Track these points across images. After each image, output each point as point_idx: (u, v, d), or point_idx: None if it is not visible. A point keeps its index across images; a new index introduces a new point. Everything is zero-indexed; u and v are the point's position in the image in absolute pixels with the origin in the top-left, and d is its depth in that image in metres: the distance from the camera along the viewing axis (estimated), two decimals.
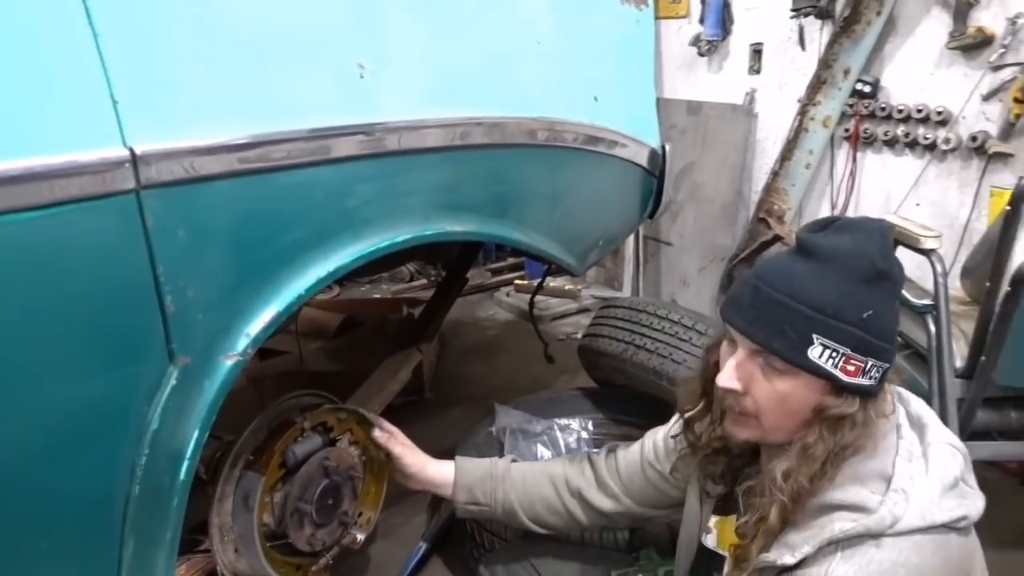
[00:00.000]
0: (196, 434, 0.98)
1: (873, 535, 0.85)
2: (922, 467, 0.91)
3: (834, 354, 0.88)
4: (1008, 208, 1.76)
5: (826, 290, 0.89)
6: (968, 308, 2.04)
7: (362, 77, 1.15)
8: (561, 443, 2.31)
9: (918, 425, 0.97)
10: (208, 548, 1.32)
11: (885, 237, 0.92)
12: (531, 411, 2.35)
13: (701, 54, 3.70)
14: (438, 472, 1.43)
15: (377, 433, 1.41)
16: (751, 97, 3.59)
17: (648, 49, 2.19)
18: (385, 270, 3.99)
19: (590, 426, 2.38)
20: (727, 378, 0.95)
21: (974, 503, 0.91)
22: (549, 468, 1.42)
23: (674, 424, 1.28)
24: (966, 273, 2.16)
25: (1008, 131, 2.80)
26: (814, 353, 0.88)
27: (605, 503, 1.36)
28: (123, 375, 0.89)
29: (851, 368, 0.89)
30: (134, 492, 0.93)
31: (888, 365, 0.91)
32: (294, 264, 1.07)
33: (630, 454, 1.38)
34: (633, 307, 2.26)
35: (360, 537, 1.55)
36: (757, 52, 3.55)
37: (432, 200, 1.35)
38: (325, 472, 1.43)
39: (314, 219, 1.10)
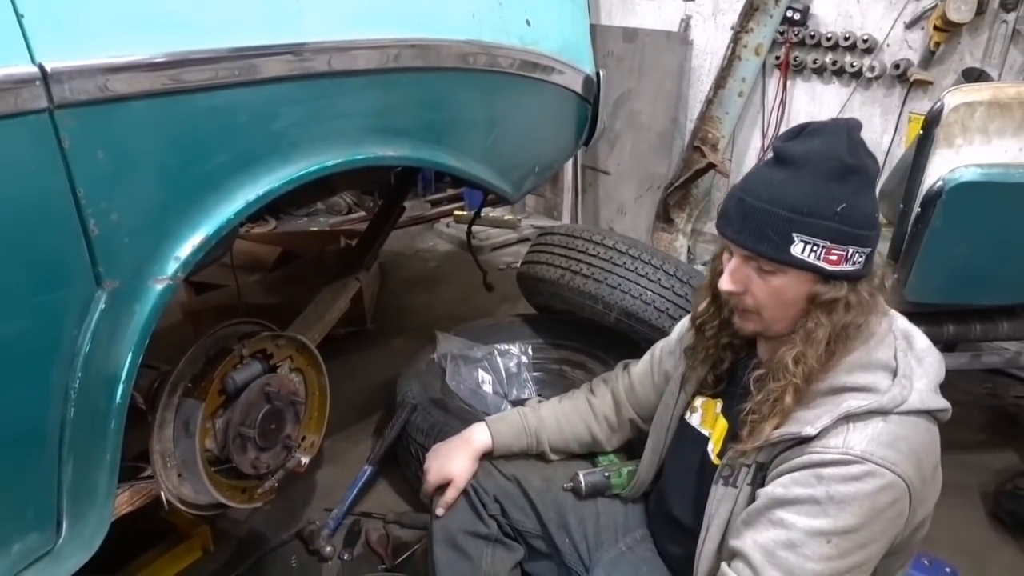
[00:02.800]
0: (129, 357, 0.98)
1: (882, 412, 0.97)
2: (916, 363, 1.04)
3: (815, 247, 0.98)
4: (921, 133, 1.84)
5: (800, 191, 0.98)
6: (884, 230, 2.14)
7: None
8: (501, 368, 2.37)
9: (906, 338, 1.08)
10: (151, 475, 1.34)
11: (852, 134, 1.01)
12: (472, 338, 2.40)
13: None
14: (480, 450, 1.42)
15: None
16: (686, 24, 3.60)
17: None
18: (320, 199, 3.93)
19: (529, 351, 2.45)
20: (726, 282, 1.07)
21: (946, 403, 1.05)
22: (579, 406, 1.47)
23: (684, 331, 1.37)
24: (883, 196, 2.26)
25: (928, 59, 2.90)
26: (796, 249, 0.98)
27: (625, 428, 1.46)
28: (49, 299, 0.88)
29: (833, 257, 0.99)
30: (69, 415, 0.93)
31: (870, 249, 1.01)
32: (221, 187, 1.06)
33: (641, 365, 1.46)
34: (569, 234, 2.31)
35: (305, 460, 1.58)
36: None
37: (364, 124, 1.33)
38: (266, 397, 1.45)
39: (240, 142, 1.09)
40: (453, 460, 1.38)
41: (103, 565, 1.28)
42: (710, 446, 1.20)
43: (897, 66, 2.99)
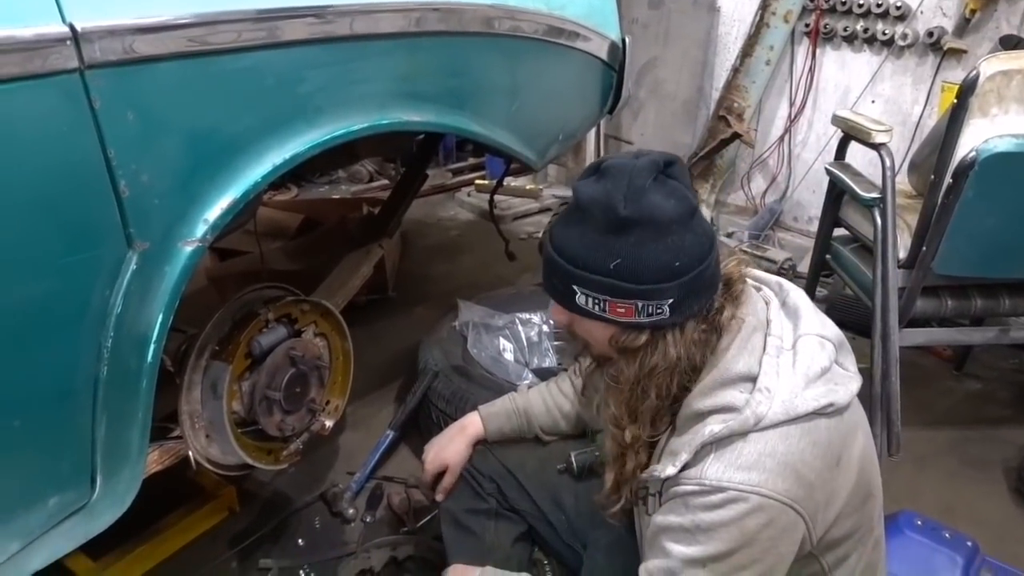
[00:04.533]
0: (160, 318, 0.99)
1: (741, 433, 0.91)
2: (789, 360, 0.96)
3: (597, 301, 0.94)
4: (955, 102, 1.80)
5: (579, 243, 0.93)
6: (913, 201, 2.11)
7: None
8: (523, 337, 2.37)
9: (793, 315, 1.02)
10: (180, 435, 1.36)
11: (635, 181, 0.90)
12: (493, 307, 2.40)
13: None
14: (473, 436, 1.46)
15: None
16: None
17: None
18: (343, 165, 3.92)
19: (551, 320, 2.45)
20: (551, 314, 1.05)
21: (845, 388, 0.97)
22: (564, 387, 1.47)
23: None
24: (913, 167, 2.22)
25: (963, 27, 2.82)
26: (580, 300, 0.95)
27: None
28: (82, 259, 0.90)
29: (621, 310, 0.93)
30: (103, 374, 0.95)
31: (670, 299, 0.92)
32: (249, 150, 1.07)
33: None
34: None
35: (329, 424, 1.61)
36: None
37: (388, 89, 1.33)
38: (291, 361, 1.46)
39: (267, 105, 1.09)
40: (448, 448, 1.44)
41: (133, 522, 1.32)
42: None
43: (931, 34, 2.91)
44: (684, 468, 0.95)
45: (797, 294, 1.05)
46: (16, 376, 0.89)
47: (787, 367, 0.95)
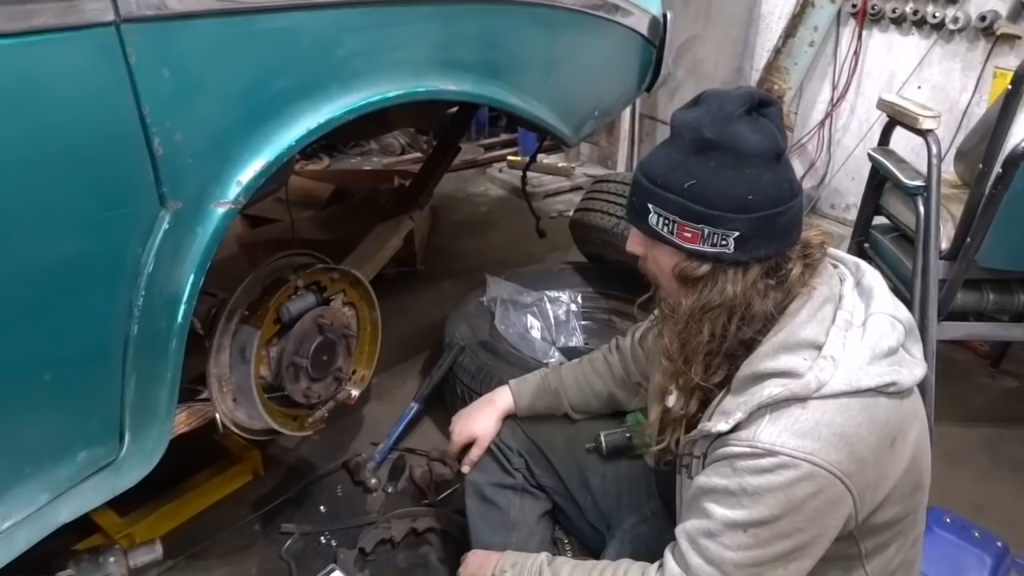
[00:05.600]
0: (191, 278, 0.99)
1: (800, 399, 0.90)
2: (858, 335, 0.95)
3: (667, 221, 0.96)
4: (1008, 89, 1.73)
5: (661, 163, 0.97)
6: (958, 191, 2.05)
7: None
8: (551, 315, 2.36)
9: (867, 295, 1.00)
10: (208, 398, 1.37)
11: (725, 107, 0.93)
12: (522, 283, 2.39)
13: None
14: (503, 410, 1.46)
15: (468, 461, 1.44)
16: None
17: None
18: (376, 134, 3.92)
19: (579, 299, 2.43)
20: (628, 244, 1.06)
21: (910, 371, 0.95)
22: (597, 366, 1.45)
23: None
24: (960, 156, 2.15)
25: (1018, 11, 2.71)
26: (652, 220, 0.97)
27: (639, 390, 1.42)
28: (115, 216, 0.90)
29: (687, 235, 0.95)
30: (133, 332, 0.96)
31: (737, 233, 0.93)
32: (283, 113, 1.06)
33: (641, 331, 1.43)
34: (626, 182, 2.26)
35: (355, 393, 1.61)
36: None
37: (425, 56, 1.31)
38: (319, 329, 1.46)
39: (302, 68, 1.08)
40: (477, 420, 1.43)
41: (160, 482, 1.34)
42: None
43: (983, 18, 2.80)
44: (735, 429, 0.94)
45: (873, 276, 1.04)
46: (47, 330, 0.89)
47: (854, 340, 0.94)
